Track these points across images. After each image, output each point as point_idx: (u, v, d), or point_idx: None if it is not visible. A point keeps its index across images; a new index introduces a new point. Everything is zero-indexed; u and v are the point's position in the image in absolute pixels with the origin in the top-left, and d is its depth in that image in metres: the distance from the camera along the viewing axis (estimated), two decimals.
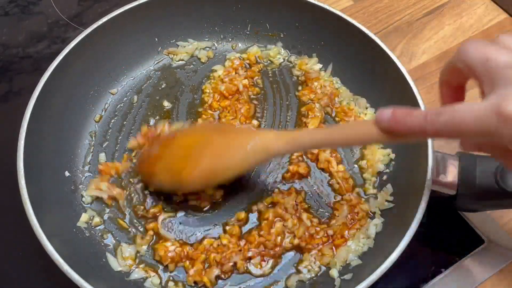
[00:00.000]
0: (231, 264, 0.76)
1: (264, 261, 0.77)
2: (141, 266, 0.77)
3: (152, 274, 0.76)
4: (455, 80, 0.59)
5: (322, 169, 0.86)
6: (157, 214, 0.81)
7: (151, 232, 0.80)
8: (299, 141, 0.66)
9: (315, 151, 0.86)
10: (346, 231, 0.79)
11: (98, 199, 0.83)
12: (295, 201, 0.82)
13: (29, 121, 0.77)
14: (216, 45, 1.03)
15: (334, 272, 0.75)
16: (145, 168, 0.81)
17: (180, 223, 0.81)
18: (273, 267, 0.77)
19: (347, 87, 0.95)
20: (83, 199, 0.83)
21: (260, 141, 0.69)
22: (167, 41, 1.00)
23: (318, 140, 0.65)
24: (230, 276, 0.76)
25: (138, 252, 0.78)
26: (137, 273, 0.76)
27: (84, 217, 0.80)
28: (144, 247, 0.78)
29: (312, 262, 0.77)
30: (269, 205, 0.82)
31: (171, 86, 0.97)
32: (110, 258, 0.77)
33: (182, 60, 1.01)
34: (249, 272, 0.76)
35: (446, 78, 0.60)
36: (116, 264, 0.77)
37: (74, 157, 0.87)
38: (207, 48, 1.02)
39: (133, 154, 0.88)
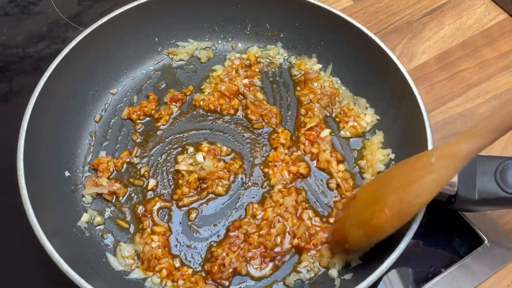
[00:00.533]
0: (230, 270, 0.76)
1: (265, 263, 0.77)
2: (141, 266, 0.77)
3: (151, 273, 0.76)
4: None
5: (322, 169, 0.86)
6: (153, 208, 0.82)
7: (148, 230, 0.80)
8: (487, 127, 0.58)
9: (315, 150, 0.86)
10: None
11: (99, 196, 0.83)
12: (295, 201, 0.82)
13: (29, 121, 0.77)
14: (216, 45, 1.03)
15: (333, 272, 0.76)
16: (337, 235, 0.75)
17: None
18: (273, 270, 0.77)
19: (347, 87, 0.95)
20: (84, 199, 0.83)
21: (443, 151, 0.61)
22: (167, 41, 1.00)
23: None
24: (230, 282, 0.76)
25: (136, 250, 0.78)
26: (137, 273, 0.76)
27: (85, 217, 0.81)
28: (141, 247, 0.78)
29: (311, 263, 0.77)
30: (270, 205, 0.82)
31: (171, 86, 0.97)
32: (110, 258, 0.78)
33: (182, 60, 1.01)
34: (250, 275, 0.76)
35: None
36: (116, 263, 0.77)
37: (74, 157, 0.87)
38: (207, 48, 1.02)
39: (134, 152, 0.88)
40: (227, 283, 0.75)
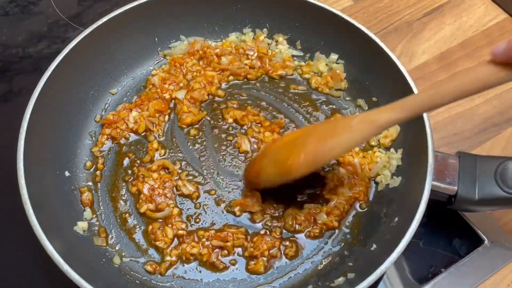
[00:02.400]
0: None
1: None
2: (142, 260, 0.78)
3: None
4: None
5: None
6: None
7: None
8: (408, 106, 0.64)
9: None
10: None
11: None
12: None
13: (29, 121, 0.77)
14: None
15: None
16: (252, 168, 0.82)
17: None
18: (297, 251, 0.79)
19: (347, 87, 0.96)
20: (85, 213, 0.82)
21: (364, 116, 0.69)
22: (167, 41, 1.00)
23: (430, 100, 0.62)
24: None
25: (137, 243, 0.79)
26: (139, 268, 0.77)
27: (81, 224, 0.80)
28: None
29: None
30: None
31: None
32: (110, 255, 0.78)
33: None
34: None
35: None
36: (118, 259, 0.78)
37: (74, 157, 0.87)
38: None
39: None
40: None
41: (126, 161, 0.87)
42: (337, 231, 0.81)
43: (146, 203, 0.81)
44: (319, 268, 0.78)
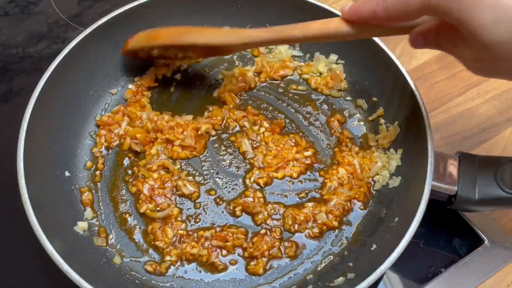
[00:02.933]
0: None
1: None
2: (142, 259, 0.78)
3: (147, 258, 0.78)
4: None
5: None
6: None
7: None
8: (252, 35, 0.79)
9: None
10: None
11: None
12: None
13: (29, 121, 0.77)
14: None
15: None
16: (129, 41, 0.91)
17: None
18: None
19: (347, 87, 0.96)
20: (85, 213, 0.82)
21: (235, 29, 0.83)
22: None
23: (272, 37, 0.77)
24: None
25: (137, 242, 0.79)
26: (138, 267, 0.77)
27: (81, 224, 0.80)
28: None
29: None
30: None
31: None
32: (110, 255, 0.78)
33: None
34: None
35: None
36: (118, 259, 0.78)
37: (74, 157, 0.87)
38: None
39: None
40: None
41: (126, 161, 0.87)
42: (337, 231, 0.81)
43: (146, 203, 0.81)
44: (319, 268, 0.78)
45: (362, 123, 0.92)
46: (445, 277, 0.79)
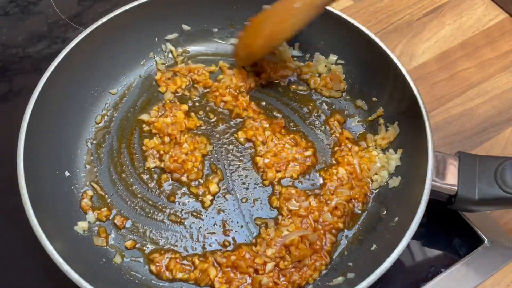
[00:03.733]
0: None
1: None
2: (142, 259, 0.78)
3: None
4: None
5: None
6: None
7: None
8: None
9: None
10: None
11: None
12: None
13: (29, 121, 0.77)
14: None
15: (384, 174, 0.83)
16: (236, 49, 0.96)
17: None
18: None
19: (347, 88, 0.96)
20: (88, 216, 0.82)
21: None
22: (167, 41, 1.00)
23: None
24: None
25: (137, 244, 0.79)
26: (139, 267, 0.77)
27: (81, 224, 0.80)
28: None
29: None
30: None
31: None
32: (111, 255, 0.78)
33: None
34: None
35: None
36: (118, 259, 0.78)
37: (74, 157, 0.87)
38: None
39: None
40: None
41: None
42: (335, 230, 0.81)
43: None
44: None
45: (361, 123, 0.92)
46: (445, 277, 0.79)
